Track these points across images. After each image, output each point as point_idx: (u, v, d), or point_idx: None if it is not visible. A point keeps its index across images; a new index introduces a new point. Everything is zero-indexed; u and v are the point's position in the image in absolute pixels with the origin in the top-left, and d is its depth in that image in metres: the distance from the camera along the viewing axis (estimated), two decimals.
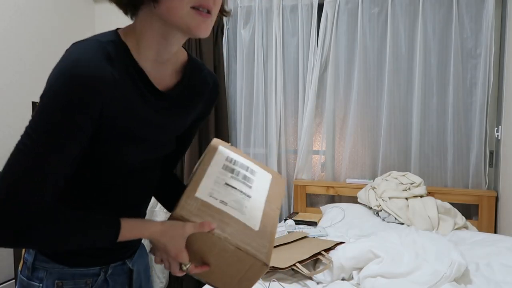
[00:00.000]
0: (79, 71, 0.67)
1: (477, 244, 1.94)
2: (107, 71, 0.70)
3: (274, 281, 1.54)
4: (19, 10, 2.55)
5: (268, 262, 0.80)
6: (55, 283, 0.83)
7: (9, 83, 2.50)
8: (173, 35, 0.78)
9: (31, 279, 0.84)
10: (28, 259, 0.85)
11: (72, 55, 0.69)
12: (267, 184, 0.98)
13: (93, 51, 0.71)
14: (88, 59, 0.69)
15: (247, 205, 0.88)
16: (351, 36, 2.75)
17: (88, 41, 0.74)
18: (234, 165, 0.95)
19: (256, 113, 2.95)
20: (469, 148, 2.58)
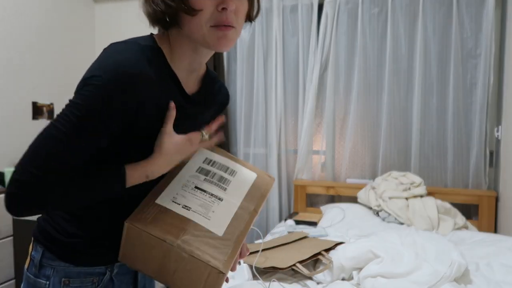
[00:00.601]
0: (123, 69, 0.72)
1: (477, 244, 1.94)
2: (147, 72, 0.75)
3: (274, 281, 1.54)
4: (19, 10, 2.55)
5: (224, 270, 0.77)
6: (61, 281, 0.84)
7: (9, 83, 2.50)
8: (201, 50, 0.83)
9: (38, 276, 0.85)
10: (35, 257, 0.86)
11: (116, 54, 0.74)
12: (248, 185, 0.94)
13: (135, 53, 0.76)
14: (131, 59, 0.74)
15: (215, 209, 0.85)
16: (351, 36, 2.75)
17: (129, 43, 0.78)
18: (211, 167, 0.93)
19: (256, 113, 2.95)
20: (469, 148, 2.58)
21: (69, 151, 0.72)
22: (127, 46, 0.76)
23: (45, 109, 2.76)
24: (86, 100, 0.72)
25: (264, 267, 1.57)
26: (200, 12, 0.75)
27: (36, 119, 2.69)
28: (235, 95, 3.05)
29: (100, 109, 0.72)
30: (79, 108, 0.72)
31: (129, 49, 0.75)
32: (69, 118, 0.72)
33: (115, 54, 0.74)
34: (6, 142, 2.48)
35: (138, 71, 0.73)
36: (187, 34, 0.79)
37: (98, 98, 0.72)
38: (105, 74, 0.72)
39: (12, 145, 2.52)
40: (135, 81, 0.73)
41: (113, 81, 0.71)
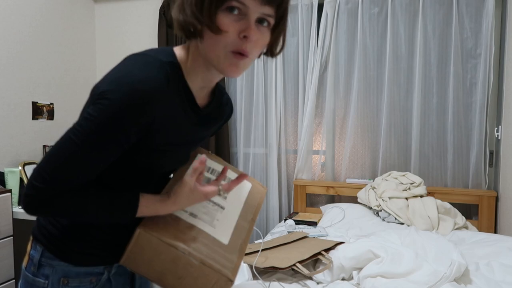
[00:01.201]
0: (142, 86, 0.73)
1: (477, 244, 1.94)
2: (165, 91, 0.76)
3: (274, 281, 1.54)
4: (19, 10, 2.55)
5: (233, 278, 0.79)
6: (60, 281, 0.85)
7: (9, 83, 2.50)
8: (213, 70, 0.83)
9: (37, 275, 0.85)
10: (35, 256, 0.86)
11: (135, 70, 0.75)
12: (245, 194, 0.96)
13: (155, 70, 0.76)
14: (150, 77, 0.75)
15: (219, 217, 0.86)
16: (351, 36, 2.76)
17: (150, 57, 0.79)
18: (211, 174, 0.93)
19: (256, 113, 2.95)
20: (469, 148, 2.58)
21: (80, 163, 0.74)
22: (148, 60, 0.77)
23: (45, 109, 2.76)
24: (101, 114, 0.73)
25: (264, 267, 1.57)
26: (224, 33, 0.75)
27: (36, 119, 2.69)
28: (235, 95, 3.05)
29: (115, 124, 0.73)
30: (94, 121, 0.73)
31: (149, 65, 0.76)
32: (84, 130, 0.74)
33: (134, 69, 0.75)
34: (6, 142, 2.48)
35: (154, 89, 0.74)
36: (204, 51, 0.79)
37: (112, 113, 0.73)
38: (121, 89, 0.72)
39: (12, 145, 2.52)
40: (151, 99, 0.74)
41: (129, 98, 0.72)
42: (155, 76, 0.75)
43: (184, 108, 0.83)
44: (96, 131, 0.73)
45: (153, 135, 0.79)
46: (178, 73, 0.81)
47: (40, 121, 2.72)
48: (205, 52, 0.79)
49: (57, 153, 0.74)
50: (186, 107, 0.84)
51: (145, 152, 0.82)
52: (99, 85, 0.76)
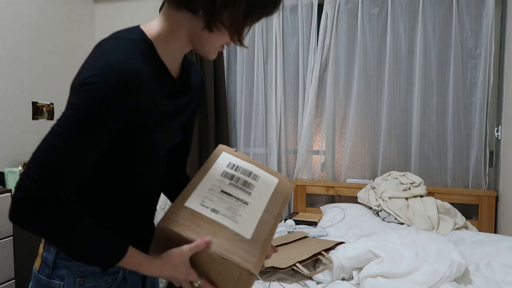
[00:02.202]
0: (122, 67, 0.73)
1: (477, 244, 1.94)
2: (144, 69, 0.77)
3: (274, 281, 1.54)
4: (19, 11, 2.55)
5: (255, 271, 0.79)
6: (76, 281, 0.84)
7: (9, 83, 2.50)
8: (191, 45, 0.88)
9: (52, 277, 0.84)
10: (49, 258, 0.85)
11: (111, 53, 0.74)
12: (271, 189, 0.95)
13: (131, 50, 0.77)
14: (127, 58, 0.75)
15: (242, 212, 0.87)
16: (351, 36, 2.76)
17: (121, 39, 0.78)
18: (235, 171, 0.94)
19: (256, 113, 2.95)
20: (469, 148, 2.58)
21: (71, 155, 0.72)
22: (120, 42, 0.77)
23: (45, 109, 2.76)
24: (85, 101, 0.72)
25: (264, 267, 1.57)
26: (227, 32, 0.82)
27: (36, 119, 2.69)
28: (235, 95, 3.05)
29: (100, 109, 0.72)
30: (79, 109, 0.72)
31: (122, 47, 0.76)
32: (69, 120, 0.72)
33: (110, 53, 0.74)
34: (6, 142, 2.48)
35: (134, 70, 0.74)
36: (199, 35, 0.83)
37: (97, 99, 0.72)
38: (102, 74, 0.72)
39: (12, 145, 2.52)
40: (132, 79, 0.74)
41: (110, 80, 0.72)
42: (132, 56, 0.76)
43: (160, 83, 0.84)
44: (82, 118, 0.72)
45: (141, 114, 0.80)
46: (151, 49, 0.82)
47: (40, 121, 2.72)
48: (201, 39, 0.83)
49: (46, 149, 0.71)
50: (163, 81, 0.85)
51: (137, 133, 0.81)
52: (78, 77, 0.75)
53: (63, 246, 0.74)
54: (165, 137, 0.89)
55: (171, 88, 0.88)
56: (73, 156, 0.72)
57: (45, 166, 0.71)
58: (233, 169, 0.94)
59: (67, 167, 0.72)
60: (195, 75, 1.00)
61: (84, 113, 0.72)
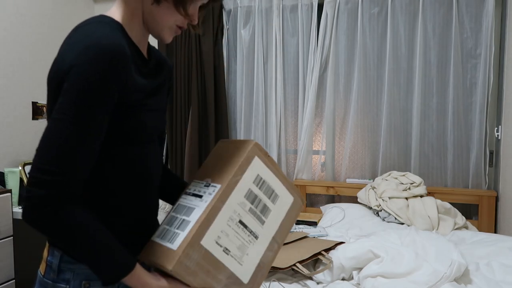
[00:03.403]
0: (108, 46, 0.73)
1: (477, 244, 1.94)
2: (125, 47, 0.76)
3: (274, 281, 1.54)
4: (19, 11, 2.55)
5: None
6: (82, 284, 0.83)
7: (9, 83, 2.50)
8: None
9: (57, 281, 0.83)
10: (53, 262, 0.84)
11: (94, 34, 0.74)
12: (283, 214, 0.90)
13: (109, 29, 0.77)
14: (111, 36, 0.75)
15: (250, 251, 0.83)
16: (351, 36, 2.75)
17: (95, 23, 0.79)
18: (259, 190, 0.86)
19: (256, 113, 2.95)
20: (469, 148, 2.58)
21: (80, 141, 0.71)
22: (96, 25, 0.77)
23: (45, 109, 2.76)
24: (80, 84, 0.71)
25: None
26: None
27: (36, 119, 2.69)
28: (235, 95, 3.05)
29: (97, 89, 0.72)
30: (76, 94, 0.71)
31: (100, 28, 0.76)
32: (70, 107, 0.71)
33: (91, 34, 0.74)
34: (6, 142, 2.48)
35: (119, 47, 0.74)
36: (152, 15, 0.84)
37: (91, 79, 0.71)
38: (90, 54, 0.71)
39: (12, 145, 2.52)
40: (119, 57, 0.74)
41: (100, 60, 0.72)
42: (113, 35, 0.76)
43: (136, 62, 0.85)
44: (82, 102, 0.71)
45: (128, 92, 0.80)
46: (123, 30, 0.83)
47: (40, 121, 2.72)
48: (153, 16, 0.84)
49: (54, 140, 0.70)
50: (138, 60, 0.85)
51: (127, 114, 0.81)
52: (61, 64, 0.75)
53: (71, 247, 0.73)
54: (152, 117, 0.88)
55: (145, 68, 0.88)
56: (84, 141, 0.72)
57: (60, 156, 0.69)
58: (258, 185, 0.86)
59: (82, 154, 0.71)
60: (163, 60, 1.00)
61: (82, 96, 0.71)
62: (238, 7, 2.94)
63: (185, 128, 2.99)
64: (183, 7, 0.84)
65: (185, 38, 2.95)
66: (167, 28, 0.86)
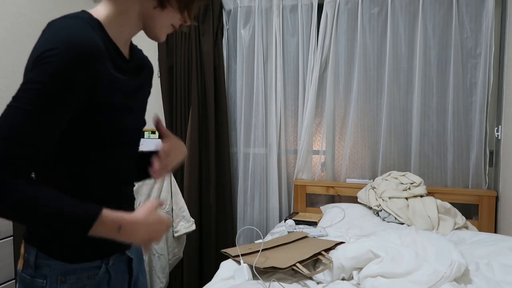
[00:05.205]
0: (80, 41, 0.74)
1: (477, 244, 1.94)
2: (99, 44, 0.78)
3: (274, 281, 1.54)
4: (19, 11, 2.55)
5: None
6: (58, 279, 0.85)
7: (9, 83, 2.50)
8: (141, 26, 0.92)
9: (35, 276, 0.85)
10: (30, 258, 0.86)
11: (66, 28, 0.75)
12: None
13: (83, 25, 0.78)
14: (85, 32, 0.76)
15: None
16: (351, 36, 2.75)
17: (71, 18, 0.79)
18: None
19: (256, 113, 2.95)
20: (469, 148, 2.58)
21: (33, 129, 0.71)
22: (71, 20, 0.78)
23: None
24: (43, 75, 0.71)
25: (264, 267, 1.57)
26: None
27: None
28: (235, 95, 3.05)
29: (60, 82, 0.72)
30: (38, 83, 0.71)
31: (75, 23, 0.77)
32: (29, 95, 0.71)
33: (65, 28, 0.75)
34: None
35: (91, 43, 0.75)
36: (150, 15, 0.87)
37: (56, 71, 0.72)
38: (62, 46, 0.72)
39: None
40: (90, 52, 0.75)
41: (70, 53, 0.72)
42: (86, 31, 0.77)
43: (114, 59, 0.86)
44: (42, 91, 0.71)
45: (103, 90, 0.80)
46: (101, 27, 0.83)
47: None
48: (154, 18, 0.87)
49: (4, 125, 0.70)
50: (116, 58, 0.86)
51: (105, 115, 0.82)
52: (33, 53, 0.75)
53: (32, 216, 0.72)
54: (133, 120, 0.91)
55: (126, 66, 0.89)
56: (35, 131, 0.71)
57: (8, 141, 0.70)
58: None
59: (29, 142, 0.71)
60: (145, 61, 1.02)
61: (43, 86, 0.71)
62: (238, 7, 2.94)
63: (185, 128, 2.99)
64: (188, 11, 0.88)
65: (185, 38, 2.95)
66: (165, 29, 0.90)
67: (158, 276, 2.61)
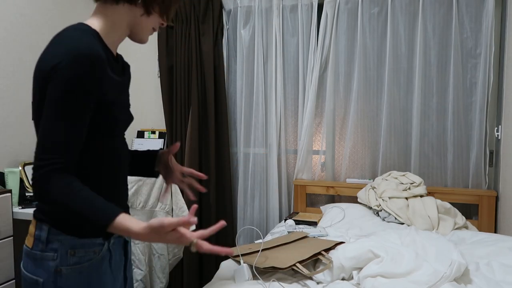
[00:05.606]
0: (87, 51, 0.89)
1: (477, 244, 1.94)
2: (100, 51, 0.93)
3: (274, 281, 1.54)
4: (19, 11, 2.55)
5: None
6: (68, 252, 0.97)
7: (9, 83, 2.50)
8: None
9: (46, 251, 0.96)
10: (42, 235, 0.97)
11: (75, 40, 0.90)
12: None
13: (87, 37, 0.93)
14: (89, 42, 0.91)
15: None
16: (351, 36, 2.75)
17: (75, 30, 0.94)
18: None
19: (256, 113, 2.95)
20: (469, 148, 2.58)
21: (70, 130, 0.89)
22: (76, 32, 0.93)
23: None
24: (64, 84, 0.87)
25: (264, 267, 1.57)
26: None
27: None
28: (235, 95, 3.05)
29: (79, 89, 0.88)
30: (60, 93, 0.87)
31: (79, 35, 0.92)
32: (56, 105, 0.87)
33: (72, 40, 0.90)
34: (6, 142, 2.48)
35: (96, 52, 0.90)
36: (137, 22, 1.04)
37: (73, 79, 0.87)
38: (72, 59, 0.87)
39: (12, 145, 2.52)
40: (97, 60, 0.90)
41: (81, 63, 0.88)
42: (91, 41, 0.92)
43: (111, 63, 1.01)
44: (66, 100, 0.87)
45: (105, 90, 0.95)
46: (99, 37, 0.98)
47: None
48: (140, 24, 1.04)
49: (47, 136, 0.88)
50: (111, 61, 1.01)
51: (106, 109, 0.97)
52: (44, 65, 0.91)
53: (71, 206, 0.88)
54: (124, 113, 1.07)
55: (117, 67, 1.05)
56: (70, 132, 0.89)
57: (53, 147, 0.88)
58: None
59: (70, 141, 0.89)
60: (125, 61, 1.17)
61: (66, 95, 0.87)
62: (238, 7, 2.94)
63: (185, 128, 2.99)
64: (167, 15, 1.06)
65: (185, 38, 2.95)
66: (149, 32, 1.07)
67: (158, 276, 2.61)
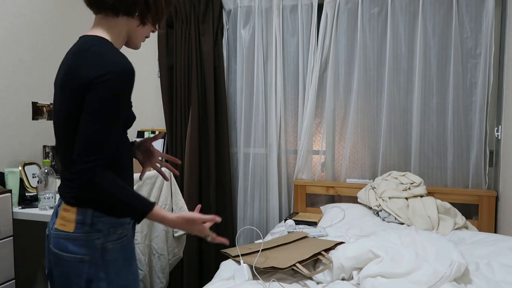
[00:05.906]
0: (126, 63, 1.06)
1: (477, 244, 1.94)
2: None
3: (274, 281, 1.54)
4: (19, 11, 2.55)
5: None
6: (110, 230, 1.15)
7: (9, 83, 2.50)
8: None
9: (90, 231, 1.12)
10: (86, 219, 1.12)
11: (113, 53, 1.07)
12: None
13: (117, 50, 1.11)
14: (124, 57, 1.09)
15: None
16: (351, 36, 2.75)
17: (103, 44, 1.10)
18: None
19: (256, 113, 2.95)
20: (469, 148, 2.58)
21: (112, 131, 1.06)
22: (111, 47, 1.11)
23: (45, 109, 2.76)
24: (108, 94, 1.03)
25: (264, 267, 1.57)
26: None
27: (36, 119, 2.69)
28: (235, 95, 3.05)
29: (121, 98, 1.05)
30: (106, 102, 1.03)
31: (115, 49, 1.10)
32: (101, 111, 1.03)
33: (110, 53, 1.07)
34: (6, 142, 2.48)
35: (130, 64, 1.07)
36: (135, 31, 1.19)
37: (117, 90, 1.03)
38: (115, 71, 1.04)
39: (12, 145, 2.52)
40: (132, 71, 1.07)
41: (124, 74, 1.05)
42: (124, 56, 1.09)
43: None
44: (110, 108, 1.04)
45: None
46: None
47: (40, 121, 2.72)
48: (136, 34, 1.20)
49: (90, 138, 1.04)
50: None
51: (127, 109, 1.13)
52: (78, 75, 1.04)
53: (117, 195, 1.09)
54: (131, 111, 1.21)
55: None
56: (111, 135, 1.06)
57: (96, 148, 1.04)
58: None
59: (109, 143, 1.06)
60: None
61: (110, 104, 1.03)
62: (238, 7, 2.94)
63: (185, 128, 2.99)
64: (159, 24, 1.23)
65: (185, 38, 2.95)
66: (143, 39, 1.23)
67: (158, 276, 2.60)
